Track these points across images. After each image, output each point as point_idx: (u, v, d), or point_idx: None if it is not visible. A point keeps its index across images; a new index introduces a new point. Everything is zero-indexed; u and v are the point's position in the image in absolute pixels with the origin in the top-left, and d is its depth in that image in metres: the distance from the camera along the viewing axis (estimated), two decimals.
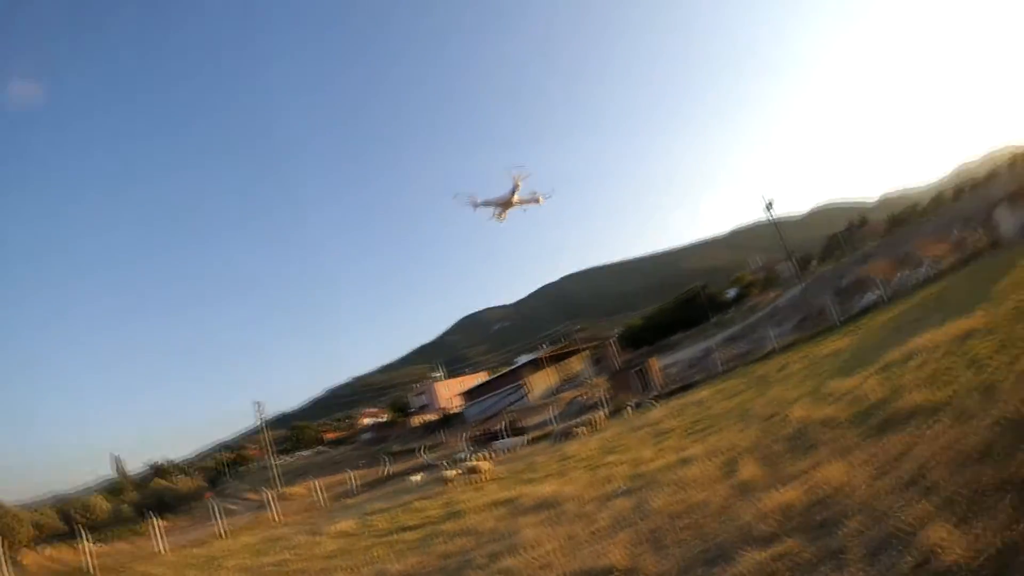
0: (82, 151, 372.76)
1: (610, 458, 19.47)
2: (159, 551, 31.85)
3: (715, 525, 8.52)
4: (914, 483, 6.95)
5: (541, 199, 51.46)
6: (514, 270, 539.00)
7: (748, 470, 10.51)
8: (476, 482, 25.61)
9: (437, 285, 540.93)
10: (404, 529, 18.09)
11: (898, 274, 47.02)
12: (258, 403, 72.42)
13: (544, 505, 14.50)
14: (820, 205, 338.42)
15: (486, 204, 50.48)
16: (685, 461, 13.67)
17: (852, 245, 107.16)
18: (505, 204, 49.22)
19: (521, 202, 50.55)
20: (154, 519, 37.05)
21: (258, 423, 75.04)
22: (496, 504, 17.13)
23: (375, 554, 14.96)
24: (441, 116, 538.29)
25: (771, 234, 67.47)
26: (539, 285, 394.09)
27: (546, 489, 16.24)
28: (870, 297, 43.37)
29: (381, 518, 22.44)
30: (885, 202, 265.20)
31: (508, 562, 10.13)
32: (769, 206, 57.07)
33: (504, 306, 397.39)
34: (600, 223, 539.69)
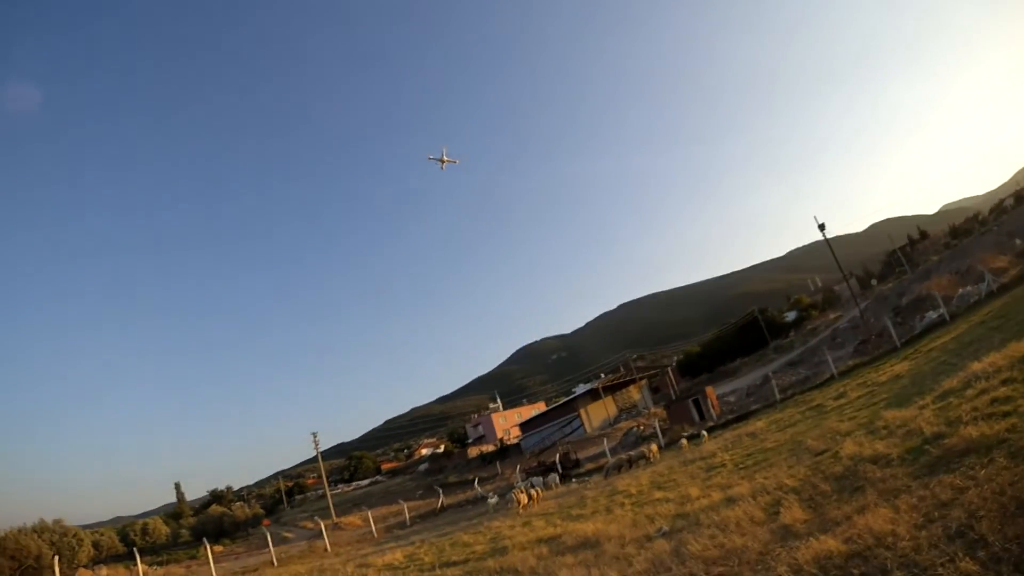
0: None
1: (657, 494, 18.92)
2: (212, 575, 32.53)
3: (749, 575, 8.02)
4: (961, 535, 6.38)
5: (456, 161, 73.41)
6: (570, 300, 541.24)
7: (792, 513, 9.93)
8: (524, 516, 25.68)
9: (495, 316, 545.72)
10: (448, 564, 18.13)
11: (960, 290, 45.30)
12: (314, 433, 73.32)
13: (585, 544, 14.17)
14: (879, 220, 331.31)
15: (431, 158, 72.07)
16: (730, 500, 13.09)
17: (912, 260, 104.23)
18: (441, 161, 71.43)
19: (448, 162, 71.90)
20: (207, 544, 37.65)
21: (315, 452, 75.82)
22: (540, 541, 16.91)
23: None
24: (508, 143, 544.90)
25: (829, 254, 65.82)
26: (595, 314, 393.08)
27: (590, 527, 15.87)
28: (931, 316, 41.75)
29: (428, 551, 22.57)
30: (945, 213, 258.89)
31: None
32: (822, 227, 55.70)
33: (561, 335, 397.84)
34: (658, 252, 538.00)
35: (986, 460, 8.42)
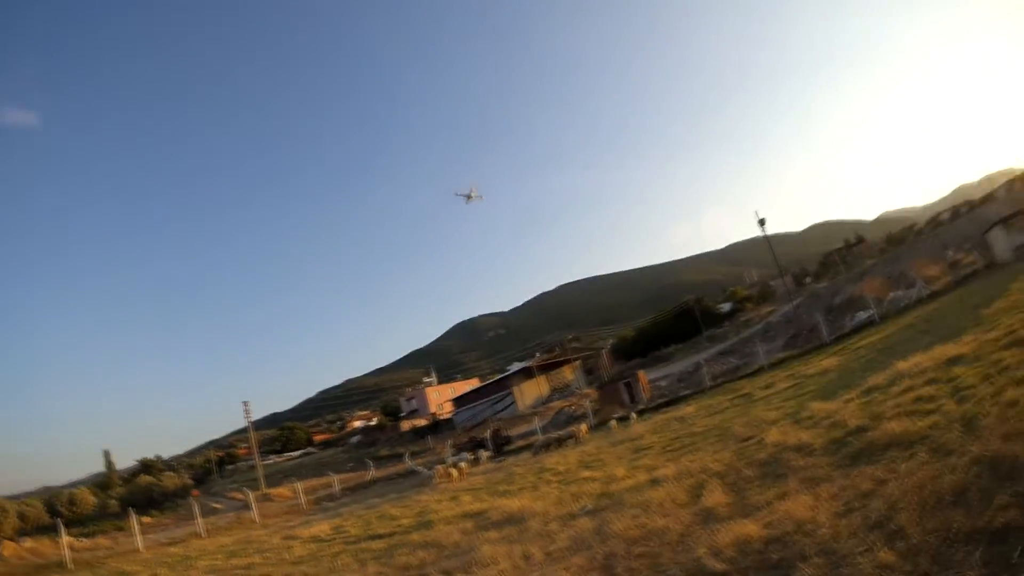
0: None
1: (584, 473, 18.92)
2: (137, 548, 31.62)
3: (669, 555, 7.93)
4: (880, 525, 6.36)
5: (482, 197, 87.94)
6: (510, 278, 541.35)
7: (714, 496, 9.94)
8: (451, 491, 25.59)
9: (434, 291, 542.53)
10: (374, 537, 17.82)
11: (891, 294, 46.73)
12: (245, 402, 71.84)
13: (510, 520, 14.03)
14: (818, 222, 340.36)
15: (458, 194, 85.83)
16: (655, 482, 13.10)
17: (848, 263, 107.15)
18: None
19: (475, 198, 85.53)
20: (134, 516, 36.68)
21: (246, 422, 74.35)
22: (466, 516, 16.80)
23: (340, 562, 14.69)
24: (443, 131, 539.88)
25: (767, 250, 67.12)
26: (535, 293, 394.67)
27: (515, 504, 15.75)
28: (862, 316, 43.00)
29: (355, 524, 22.30)
30: (882, 221, 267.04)
31: None
32: (762, 223, 56.49)
33: (499, 313, 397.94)
34: (598, 235, 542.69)
35: (907, 455, 8.49)
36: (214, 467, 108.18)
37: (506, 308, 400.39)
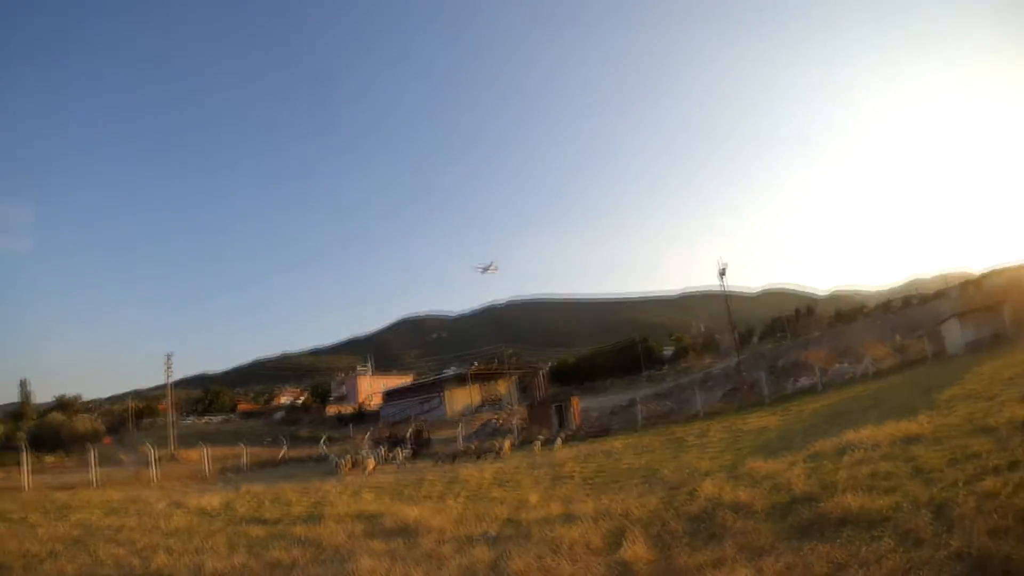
0: None
1: (496, 492, 17.55)
2: (24, 487, 31.20)
3: None
4: None
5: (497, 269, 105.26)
6: (463, 283, 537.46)
7: (635, 549, 8.45)
8: (353, 485, 24.35)
9: (385, 280, 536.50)
10: (259, 521, 16.56)
11: (836, 365, 46.44)
12: (168, 355, 69.13)
13: (403, 532, 12.57)
14: (773, 285, 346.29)
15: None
16: (570, 517, 11.61)
17: (795, 330, 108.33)
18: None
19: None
20: (26, 454, 35.14)
21: (168, 377, 71.41)
22: (359, 516, 15.41)
23: (210, 543, 13.31)
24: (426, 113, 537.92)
25: (719, 303, 67.07)
26: (484, 303, 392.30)
27: (414, 513, 14.26)
28: (804, 382, 42.59)
29: (247, 503, 20.96)
30: (835, 296, 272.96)
31: None
32: (723, 272, 56.06)
33: (446, 316, 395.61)
34: (557, 257, 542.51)
35: (868, 536, 7.15)
36: (131, 418, 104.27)
37: (453, 311, 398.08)
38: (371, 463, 33.19)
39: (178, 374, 74.20)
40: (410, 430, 51.05)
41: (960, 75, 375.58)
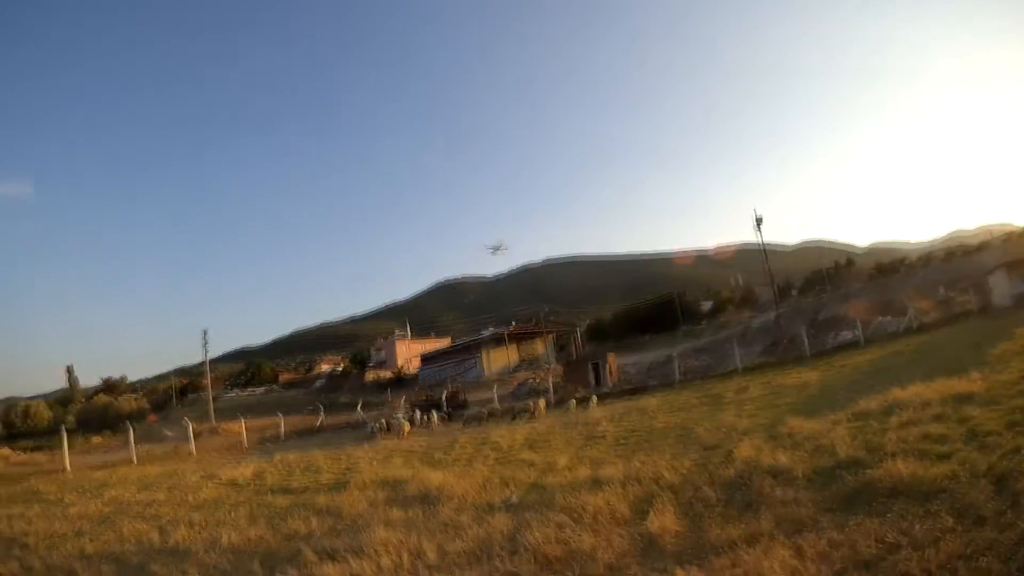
0: None
1: (525, 454, 17.03)
2: (64, 468, 31.34)
3: None
4: None
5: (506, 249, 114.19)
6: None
7: (663, 519, 7.82)
8: (385, 451, 24.14)
9: (422, 246, 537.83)
10: (286, 491, 16.40)
11: (878, 319, 45.02)
12: (205, 331, 70.07)
13: (424, 499, 12.17)
14: (810, 240, 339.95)
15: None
16: (597, 482, 10.99)
17: (835, 284, 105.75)
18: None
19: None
20: (64, 435, 35.78)
21: (206, 352, 72.50)
22: (384, 483, 15.05)
23: (233, 515, 13.25)
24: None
25: (756, 258, 65.66)
26: (520, 264, 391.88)
27: (438, 478, 13.91)
28: (846, 335, 41.36)
29: (278, 472, 20.93)
30: (873, 250, 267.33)
31: (327, 569, 8.02)
32: (759, 222, 54.72)
33: (483, 278, 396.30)
34: (590, 215, 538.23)
35: (922, 511, 6.42)
36: (175, 394, 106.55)
37: (489, 274, 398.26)
38: (406, 427, 33.24)
39: (220, 349, 76.23)
40: (445, 392, 50.94)
41: (1004, 28, 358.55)
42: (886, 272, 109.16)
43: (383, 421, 36.12)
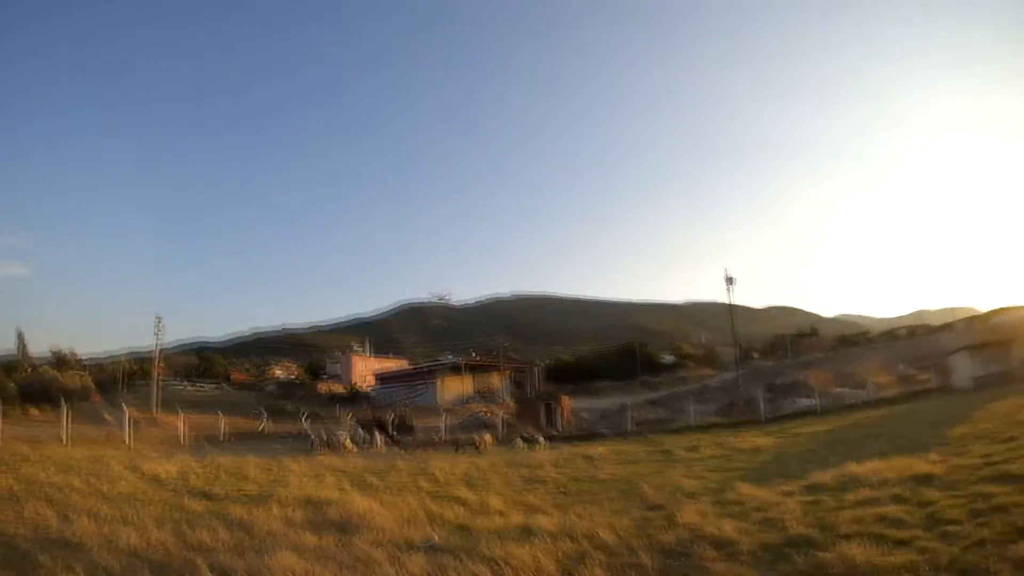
0: None
1: (460, 491, 16.04)
2: None
3: None
4: None
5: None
6: (469, 274, 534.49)
7: None
8: (324, 468, 23.04)
9: (393, 263, 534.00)
10: (205, 495, 15.67)
11: (837, 389, 45.04)
12: (159, 317, 68.33)
13: (343, 526, 11.35)
14: (776, 305, 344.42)
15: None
16: (528, 532, 10.12)
17: (797, 350, 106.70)
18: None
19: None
20: None
21: (157, 339, 70.64)
22: (308, 502, 14.29)
23: (143, 513, 12.45)
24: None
25: (721, 316, 66.04)
26: (488, 294, 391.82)
27: (364, 505, 13.09)
28: (804, 402, 41.27)
29: (205, 474, 20.28)
30: (838, 321, 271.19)
31: None
32: (729, 280, 55.02)
33: (449, 306, 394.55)
34: (567, 257, 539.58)
35: None
36: (123, 378, 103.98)
37: (456, 302, 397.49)
38: (347, 444, 32.75)
39: (177, 339, 74.22)
40: (392, 415, 49.86)
41: (978, 111, 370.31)
42: (848, 344, 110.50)
43: (324, 436, 35.23)
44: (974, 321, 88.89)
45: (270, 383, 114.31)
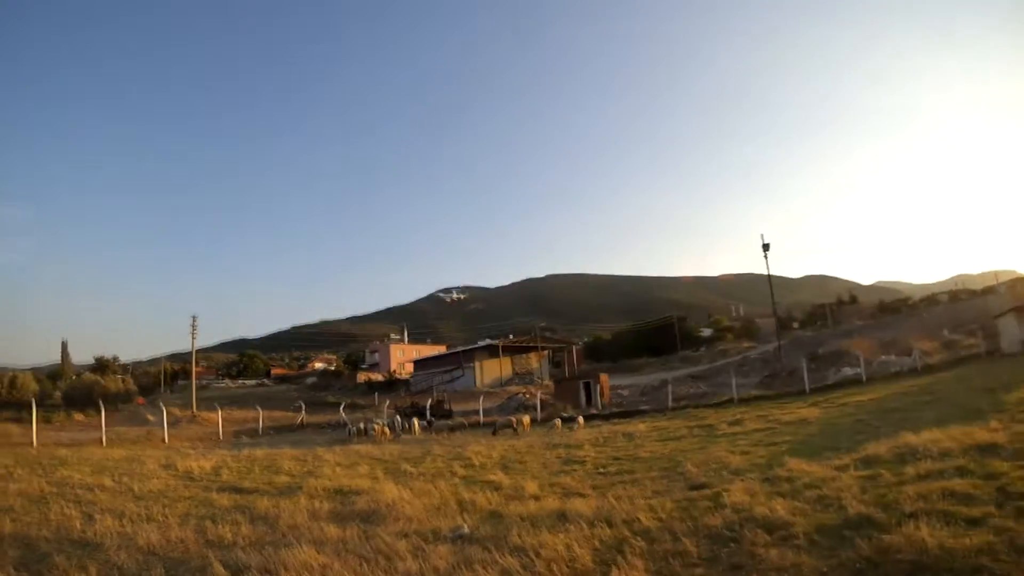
0: None
1: (495, 475, 15.52)
2: (30, 442, 31.44)
3: None
4: None
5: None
6: (501, 256, 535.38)
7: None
8: (359, 457, 23.02)
9: (427, 252, 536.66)
10: (235, 490, 15.57)
11: (881, 357, 43.63)
12: (193, 317, 69.11)
13: (370, 516, 11.04)
14: (813, 274, 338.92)
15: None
16: (562, 517, 9.54)
17: (837, 319, 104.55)
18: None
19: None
20: (34, 408, 36.05)
21: (192, 339, 71.45)
22: (336, 493, 14.20)
23: (170, 510, 12.45)
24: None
25: (759, 287, 64.63)
26: (522, 277, 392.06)
27: (393, 494, 12.79)
28: (847, 372, 39.98)
29: (238, 468, 20.48)
30: (876, 288, 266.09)
31: None
32: (766, 247, 53.60)
33: (484, 288, 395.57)
34: (596, 233, 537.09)
35: None
36: (165, 379, 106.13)
37: (491, 285, 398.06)
38: (384, 431, 32.97)
39: (217, 338, 75.38)
40: (430, 400, 49.70)
41: (1018, 72, 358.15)
42: (889, 310, 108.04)
43: (361, 425, 35.27)
44: (1018, 283, 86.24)
45: (310, 375, 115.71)
